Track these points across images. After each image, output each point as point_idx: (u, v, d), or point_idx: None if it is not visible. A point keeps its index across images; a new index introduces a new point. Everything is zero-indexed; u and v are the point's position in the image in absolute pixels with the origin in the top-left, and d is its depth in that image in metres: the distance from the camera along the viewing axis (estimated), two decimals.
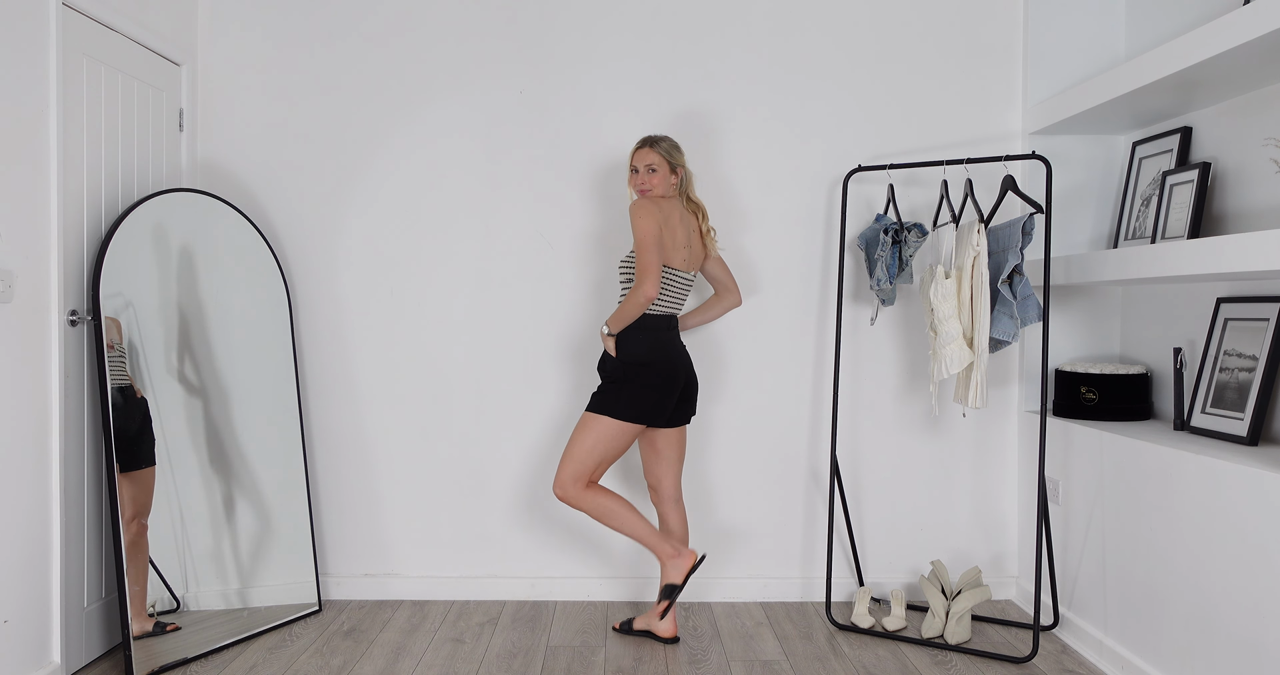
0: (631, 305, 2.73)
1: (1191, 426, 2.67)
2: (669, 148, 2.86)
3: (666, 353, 2.83)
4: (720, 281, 3.06)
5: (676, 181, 2.89)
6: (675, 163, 2.86)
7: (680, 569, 2.85)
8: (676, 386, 2.84)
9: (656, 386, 2.80)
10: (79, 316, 2.67)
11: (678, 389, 2.85)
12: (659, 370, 2.81)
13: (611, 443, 2.81)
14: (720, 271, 3.05)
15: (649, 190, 2.83)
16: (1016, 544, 3.37)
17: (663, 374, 2.81)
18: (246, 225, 3.17)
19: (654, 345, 2.81)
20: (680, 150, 2.90)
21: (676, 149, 2.88)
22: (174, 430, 2.88)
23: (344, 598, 3.37)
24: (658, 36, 3.32)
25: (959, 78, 3.33)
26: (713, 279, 3.06)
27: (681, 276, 2.86)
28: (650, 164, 2.84)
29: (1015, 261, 2.77)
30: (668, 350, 2.84)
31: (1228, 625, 2.25)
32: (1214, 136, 2.76)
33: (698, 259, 2.93)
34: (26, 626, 2.47)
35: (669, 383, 2.82)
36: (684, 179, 2.92)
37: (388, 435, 3.37)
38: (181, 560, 2.87)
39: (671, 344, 2.86)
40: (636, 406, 2.79)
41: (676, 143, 2.91)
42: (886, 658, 2.83)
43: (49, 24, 2.51)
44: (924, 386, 3.34)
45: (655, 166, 2.84)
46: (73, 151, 2.65)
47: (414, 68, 3.33)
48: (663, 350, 2.83)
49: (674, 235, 2.81)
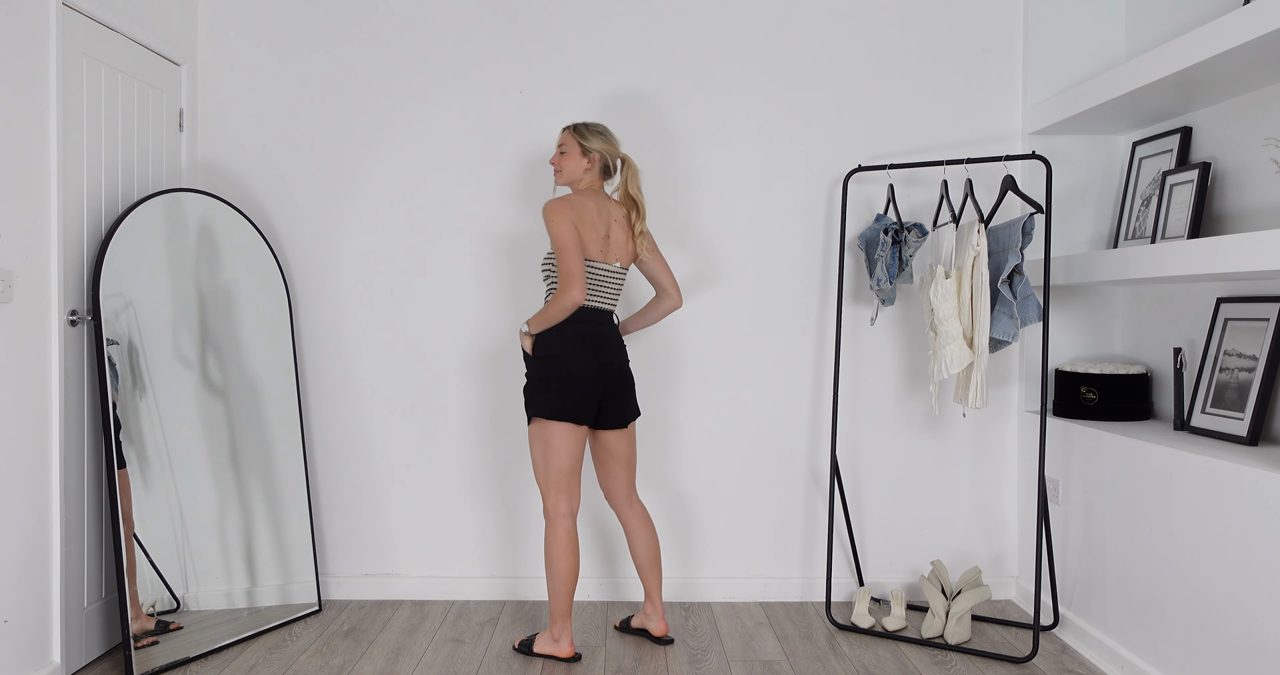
0: (555, 310, 2.63)
1: (1191, 426, 2.67)
2: (583, 130, 2.76)
3: (581, 346, 2.69)
4: (658, 282, 2.89)
5: (590, 166, 2.77)
6: (587, 146, 2.74)
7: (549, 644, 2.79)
8: (596, 383, 2.70)
9: (570, 381, 2.67)
10: (79, 316, 2.67)
11: (598, 385, 2.70)
12: (571, 364, 2.67)
13: (554, 448, 2.69)
14: (658, 271, 2.88)
15: (559, 170, 2.79)
16: (1016, 544, 3.37)
17: (575, 368, 2.67)
18: (246, 225, 3.17)
19: (567, 339, 2.68)
20: (601, 136, 2.77)
21: (593, 132, 2.76)
22: (174, 430, 2.88)
23: (344, 598, 3.37)
24: (658, 31, 3.32)
25: (959, 77, 3.33)
26: (650, 278, 2.90)
27: (601, 268, 2.73)
28: (560, 144, 2.80)
29: (1015, 261, 2.77)
30: (584, 344, 2.70)
31: (1228, 625, 2.25)
32: (1214, 136, 2.76)
33: (623, 252, 2.79)
34: (26, 626, 2.47)
35: (585, 377, 2.68)
36: (625, 172, 2.80)
37: (388, 435, 3.37)
38: (181, 560, 2.87)
39: (591, 338, 2.71)
40: (553, 403, 2.66)
41: (602, 129, 2.79)
42: (886, 658, 2.83)
43: (49, 24, 2.52)
44: (924, 386, 3.34)
45: (565, 147, 2.77)
46: (73, 151, 2.65)
47: (414, 67, 3.33)
48: (577, 344, 2.69)
49: (592, 228, 2.70)
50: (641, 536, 2.90)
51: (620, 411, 2.80)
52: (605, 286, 2.76)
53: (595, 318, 2.74)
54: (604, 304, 2.77)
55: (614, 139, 2.82)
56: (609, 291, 2.77)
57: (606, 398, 2.75)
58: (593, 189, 2.79)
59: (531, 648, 2.84)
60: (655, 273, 2.89)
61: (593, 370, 2.70)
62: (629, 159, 2.83)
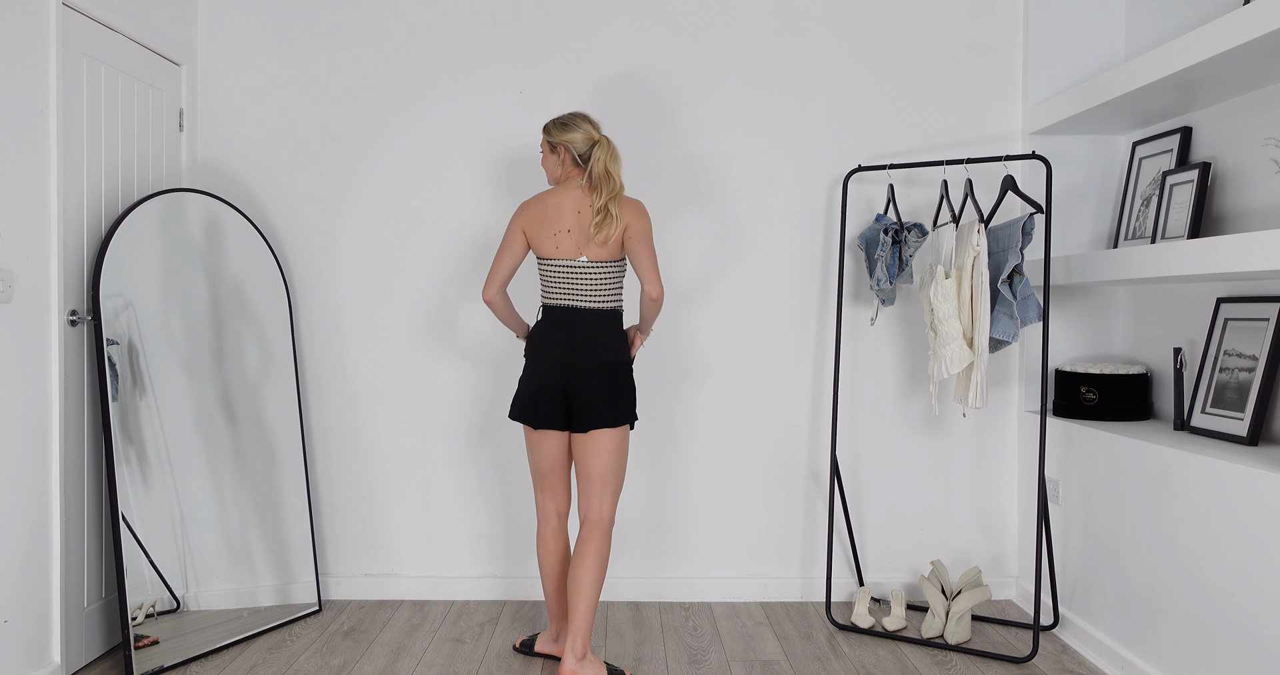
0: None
1: (1191, 426, 2.67)
2: (548, 125, 2.64)
3: (540, 346, 2.63)
4: (635, 270, 2.63)
5: (562, 160, 2.63)
6: (551, 141, 2.62)
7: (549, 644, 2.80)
8: (553, 384, 2.58)
9: (526, 383, 2.64)
10: (79, 316, 2.67)
11: (556, 387, 2.58)
12: (531, 361, 2.64)
13: (529, 449, 2.69)
14: (634, 258, 2.61)
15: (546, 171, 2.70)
16: (1016, 544, 3.37)
17: (531, 370, 2.63)
18: (246, 225, 3.17)
19: (531, 340, 2.67)
20: (564, 126, 2.60)
21: (556, 125, 2.61)
22: (174, 430, 2.88)
23: (344, 598, 3.37)
24: (658, 32, 3.32)
25: (959, 77, 3.33)
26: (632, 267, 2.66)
27: (555, 264, 2.60)
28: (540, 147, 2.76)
29: (1015, 261, 2.77)
30: (543, 345, 2.62)
31: (1228, 625, 2.25)
32: (1214, 136, 2.76)
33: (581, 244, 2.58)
34: (26, 626, 2.47)
35: (541, 379, 2.60)
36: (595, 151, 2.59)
37: (388, 435, 3.37)
38: (181, 560, 2.87)
39: (554, 338, 2.61)
40: (514, 404, 2.66)
41: (565, 119, 2.61)
42: (886, 658, 2.83)
43: (49, 24, 2.52)
44: (924, 386, 3.34)
45: (541, 149, 2.71)
46: (73, 151, 2.65)
47: (414, 67, 3.33)
48: (537, 345, 2.64)
49: (544, 225, 2.59)
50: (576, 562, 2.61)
51: (581, 416, 2.58)
52: (567, 283, 2.59)
53: (562, 317, 2.61)
54: (570, 302, 2.60)
55: (582, 126, 2.60)
56: (574, 288, 2.59)
57: (571, 401, 2.59)
58: (569, 182, 2.63)
59: (532, 648, 2.83)
60: (633, 261, 2.62)
61: (545, 370, 2.60)
62: (604, 139, 2.60)
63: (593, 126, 2.61)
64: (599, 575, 2.60)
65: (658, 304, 2.63)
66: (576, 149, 2.60)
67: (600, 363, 2.60)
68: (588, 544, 2.61)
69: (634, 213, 2.59)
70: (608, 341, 2.62)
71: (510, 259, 2.64)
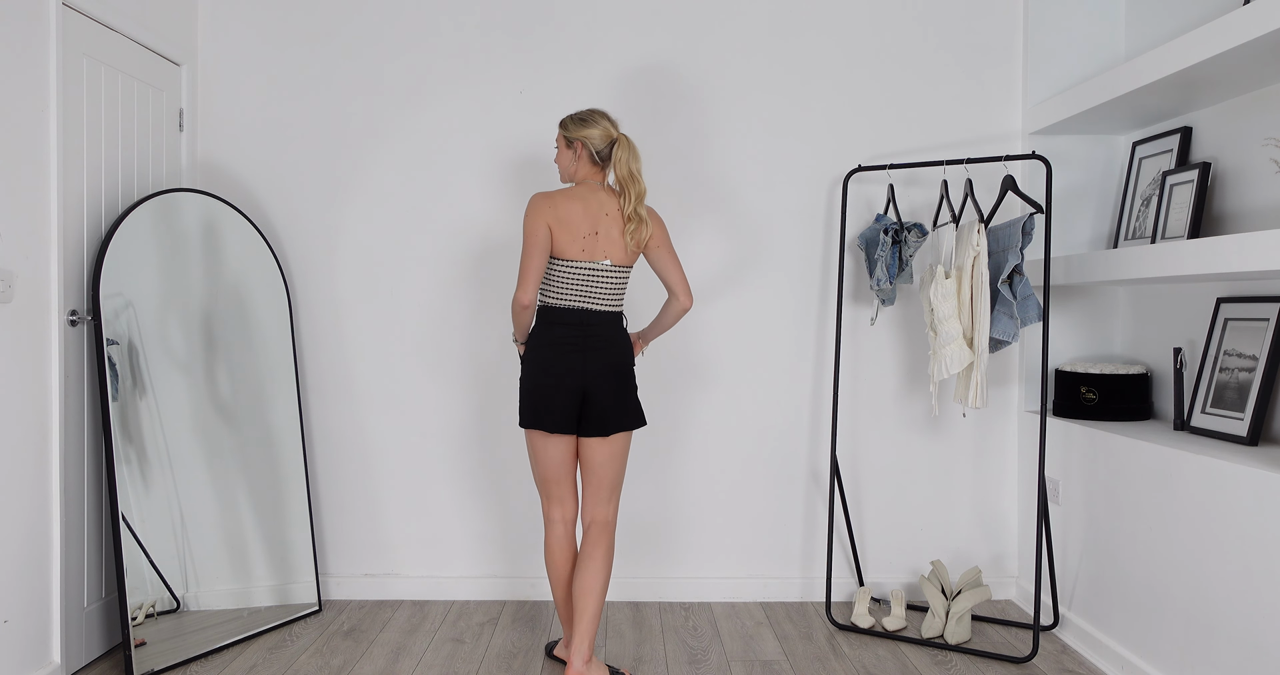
0: (512, 311, 2.56)
1: (1191, 426, 2.67)
2: (565, 121, 2.59)
3: (549, 348, 2.54)
4: (665, 281, 2.64)
5: (578, 157, 2.58)
6: (568, 136, 2.57)
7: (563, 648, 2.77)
8: (565, 387, 2.51)
9: (535, 386, 2.54)
10: (79, 316, 2.67)
11: (569, 390, 2.52)
12: (538, 368, 2.54)
13: (534, 454, 2.62)
14: (664, 269, 2.62)
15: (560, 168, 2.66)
16: (1016, 544, 3.37)
17: (540, 372, 2.53)
18: (246, 225, 3.17)
19: (537, 342, 2.56)
20: (582, 122, 2.56)
21: (574, 121, 2.57)
22: (174, 430, 2.88)
23: (344, 598, 3.37)
24: (659, 34, 3.32)
25: (959, 78, 3.33)
26: (659, 277, 2.66)
27: (577, 267, 2.53)
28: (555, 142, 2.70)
29: (1015, 261, 2.77)
30: (552, 346, 2.54)
31: (1228, 625, 2.25)
32: (1214, 136, 2.76)
33: (616, 247, 2.56)
34: (26, 626, 2.47)
35: (552, 382, 2.52)
36: (618, 152, 2.54)
37: (388, 435, 3.37)
38: (181, 560, 2.87)
39: (565, 340, 2.53)
40: (523, 409, 2.57)
41: (584, 115, 2.57)
42: (886, 658, 2.83)
43: (49, 24, 2.52)
44: (924, 386, 3.34)
45: (556, 144, 2.65)
46: (73, 151, 2.65)
47: (414, 67, 3.33)
48: (545, 347, 2.54)
49: (572, 226, 2.51)
50: (583, 564, 2.58)
51: (600, 420, 2.56)
52: (584, 286, 2.54)
53: (573, 319, 2.54)
54: (584, 304, 2.55)
55: (600, 122, 2.55)
56: (589, 291, 2.55)
57: (586, 404, 2.55)
58: (590, 183, 2.59)
59: (552, 651, 2.85)
60: (661, 271, 2.63)
61: (560, 374, 2.52)
62: (623, 138, 2.56)
63: (611, 124, 2.57)
64: (607, 577, 2.58)
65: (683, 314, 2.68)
66: (594, 145, 2.56)
67: (613, 365, 2.58)
68: (596, 547, 2.59)
69: (655, 219, 2.61)
70: (617, 344, 2.61)
71: (542, 257, 2.51)
